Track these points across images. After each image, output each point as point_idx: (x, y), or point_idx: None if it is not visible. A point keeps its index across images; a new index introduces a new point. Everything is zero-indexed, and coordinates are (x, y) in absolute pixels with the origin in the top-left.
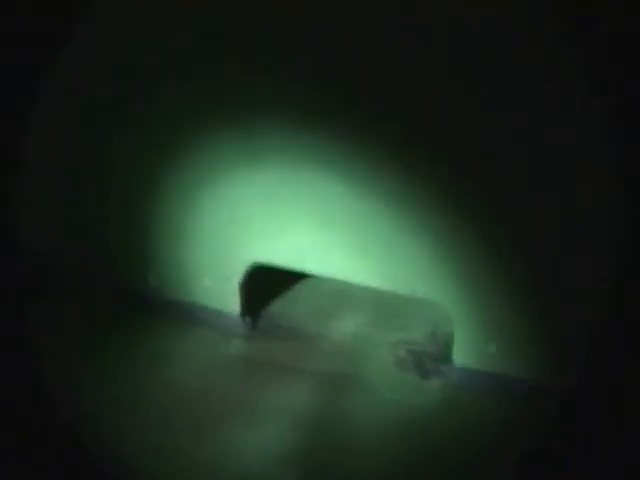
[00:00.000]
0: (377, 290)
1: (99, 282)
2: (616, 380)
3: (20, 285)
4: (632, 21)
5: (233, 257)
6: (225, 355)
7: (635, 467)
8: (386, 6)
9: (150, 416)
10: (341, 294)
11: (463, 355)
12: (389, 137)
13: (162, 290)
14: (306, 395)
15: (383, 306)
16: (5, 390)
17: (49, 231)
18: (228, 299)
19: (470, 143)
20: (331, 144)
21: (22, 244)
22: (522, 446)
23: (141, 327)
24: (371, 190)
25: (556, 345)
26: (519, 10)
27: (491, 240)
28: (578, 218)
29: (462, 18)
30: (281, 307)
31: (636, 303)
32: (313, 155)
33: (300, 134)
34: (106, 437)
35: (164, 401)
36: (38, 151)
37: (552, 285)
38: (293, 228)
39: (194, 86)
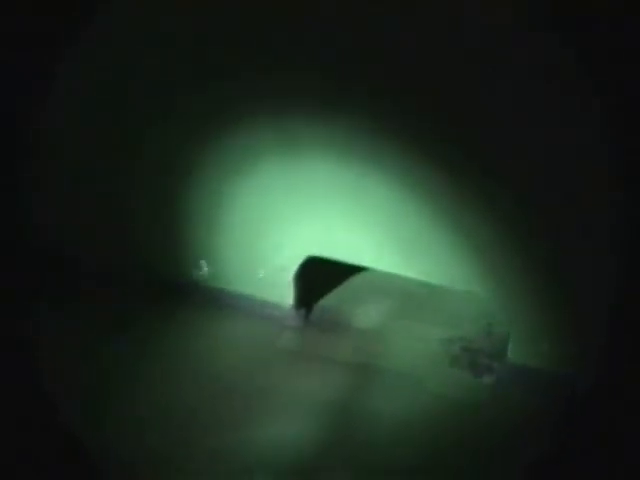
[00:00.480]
0: (432, 286)
1: (138, 273)
2: None
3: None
4: (632, 21)
5: (288, 249)
6: (276, 347)
7: None
8: (386, 6)
9: (189, 408)
10: (395, 289)
11: (517, 353)
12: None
13: (213, 280)
14: (355, 389)
15: (437, 302)
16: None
17: (73, 226)
18: (282, 291)
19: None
20: (377, 143)
21: (41, 239)
22: (570, 444)
23: (190, 318)
24: (421, 188)
25: (603, 343)
26: (519, 10)
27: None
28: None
29: (462, 18)
30: (334, 300)
31: None
32: (362, 152)
33: (345, 133)
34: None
35: (206, 392)
36: (56, 145)
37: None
38: (347, 221)
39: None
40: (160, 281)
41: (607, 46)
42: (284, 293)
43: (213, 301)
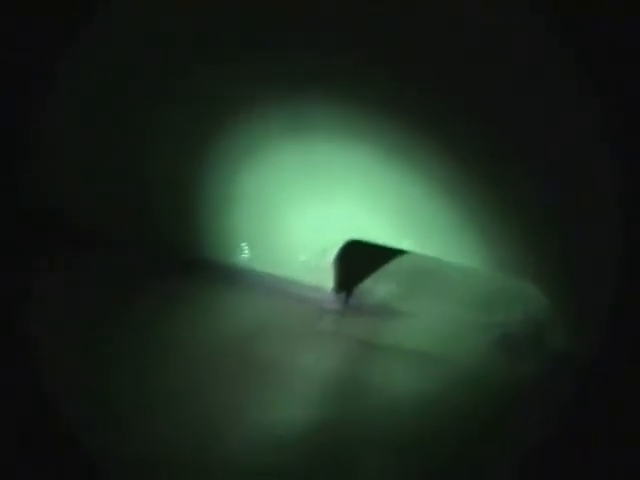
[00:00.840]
0: (472, 271)
1: (176, 255)
2: None
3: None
4: (632, 21)
5: (329, 232)
6: (316, 331)
7: None
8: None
9: (227, 391)
10: (436, 273)
11: (558, 338)
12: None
13: (254, 263)
14: (393, 373)
15: (478, 287)
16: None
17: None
18: (322, 274)
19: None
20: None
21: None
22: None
23: (230, 301)
24: (435, 172)
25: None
26: (519, 10)
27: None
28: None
29: (462, 18)
30: (374, 284)
31: None
32: (377, 137)
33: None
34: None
35: (242, 375)
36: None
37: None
38: (388, 204)
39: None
40: (199, 264)
41: (607, 46)
42: (324, 276)
43: (254, 284)
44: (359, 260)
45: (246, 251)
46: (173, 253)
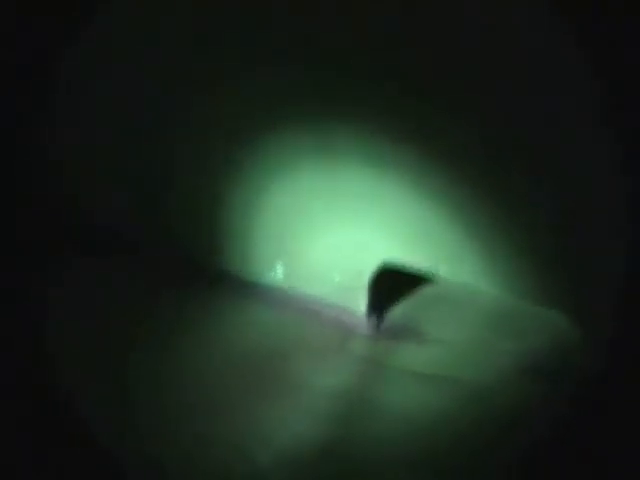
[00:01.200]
0: (502, 298)
1: (199, 268)
2: None
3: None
4: (632, 21)
5: (364, 255)
6: (342, 352)
7: None
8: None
9: (244, 406)
10: (465, 300)
11: (584, 362)
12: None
13: (287, 282)
14: (419, 397)
15: (507, 314)
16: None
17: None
18: (355, 297)
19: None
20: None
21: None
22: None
23: (260, 318)
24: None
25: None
26: (519, 10)
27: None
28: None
29: (462, 18)
30: (406, 309)
31: None
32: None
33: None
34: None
35: (264, 391)
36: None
37: None
38: (424, 229)
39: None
40: (223, 279)
41: (607, 46)
42: (357, 299)
43: (281, 301)
44: (391, 284)
45: (279, 269)
46: (196, 266)
